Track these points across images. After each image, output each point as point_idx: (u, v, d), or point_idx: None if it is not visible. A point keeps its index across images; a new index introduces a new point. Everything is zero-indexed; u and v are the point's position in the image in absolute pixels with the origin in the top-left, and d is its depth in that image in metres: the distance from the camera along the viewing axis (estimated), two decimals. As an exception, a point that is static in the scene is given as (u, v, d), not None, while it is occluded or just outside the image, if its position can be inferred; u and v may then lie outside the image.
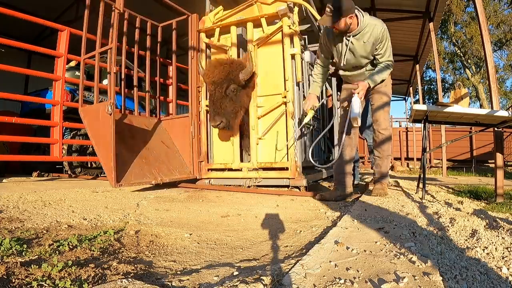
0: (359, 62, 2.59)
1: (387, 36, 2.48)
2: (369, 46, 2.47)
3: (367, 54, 2.52)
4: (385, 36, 2.46)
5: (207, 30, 3.70)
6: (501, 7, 18.15)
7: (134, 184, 2.96)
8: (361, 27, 2.41)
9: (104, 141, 2.89)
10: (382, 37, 2.44)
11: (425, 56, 8.56)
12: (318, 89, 2.86)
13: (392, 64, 2.57)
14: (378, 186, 2.74)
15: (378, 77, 2.51)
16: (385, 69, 2.52)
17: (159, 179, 3.17)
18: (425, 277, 0.93)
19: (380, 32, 2.43)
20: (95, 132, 3.04)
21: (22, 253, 1.24)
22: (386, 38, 2.47)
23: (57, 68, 3.93)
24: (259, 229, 1.81)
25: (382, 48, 2.48)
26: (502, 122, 2.57)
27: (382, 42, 2.46)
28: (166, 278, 1.05)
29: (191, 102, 3.75)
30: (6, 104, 6.51)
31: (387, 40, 2.49)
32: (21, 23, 5.20)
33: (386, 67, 2.53)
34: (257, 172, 3.37)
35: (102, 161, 2.94)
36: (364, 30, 2.42)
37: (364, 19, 2.41)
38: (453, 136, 10.07)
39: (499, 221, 1.72)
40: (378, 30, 2.42)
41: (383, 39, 2.46)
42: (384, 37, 2.45)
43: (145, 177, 3.09)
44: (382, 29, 2.44)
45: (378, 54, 2.51)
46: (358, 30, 2.42)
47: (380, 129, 2.71)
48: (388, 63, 2.53)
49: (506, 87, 21.53)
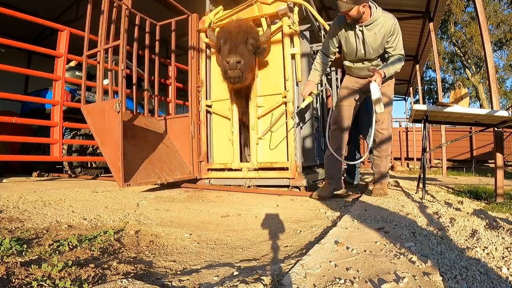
0: (368, 54, 2.59)
1: (399, 30, 2.51)
2: (380, 38, 2.48)
3: (377, 46, 2.53)
4: (397, 30, 2.49)
5: (207, 30, 3.69)
6: (501, 7, 18.14)
7: (141, 184, 2.91)
8: (373, 18, 2.43)
9: (111, 140, 2.83)
10: (394, 30, 2.47)
11: (425, 56, 8.56)
12: (318, 77, 2.87)
13: (404, 58, 2.58)
14: (378, 187, 2.74)
15: (391, 69, 2.53)
16: (397, 61, 2.54)
17: (164, 178, 3.15)
18: (425, 277, 0.93)
19: (392, 25, 2.45)
20: (101, 130, 2.96)
21: (22, 253, 1.24)
22: (397, 31, 2.49)
23: (57, 68, 3.93)
24: (259, 229, 1.81)
25: (393, 41, 2.50)
26: (502, 122, 2.57)
27: (393, 35, 2.48)
28: (166, 278, 1.05)
29: (191, 102, 3.75)
30: (6, 104, 6.51)
31: (399, 33, 2.51)
32: (21, 23, 5.19)
33: (399, 60, 2.54)
34: (257, 172, 3.37)
35: (108, 160, 2.87)
36: (376, 22, 2.44)
37: (377, 11, 2.44)
38: (453, 136, 10.06)
39: (499, 221, 1.72)
40: (389, 23, 2.45)
41: (395, 32, 2.48)
42: (396, 30, 2.48)
43: (150, 176, 3.05)
44: (394, 22, 2.46)
45: (390, 47, 2.53)
46: (371, 20, 2.44)
47: (380, 129, 2.71)
48: (400, 56, 2.55)
49: (506, 87, 21.52)
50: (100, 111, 2.97)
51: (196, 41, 3.78)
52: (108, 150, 2.87)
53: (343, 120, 2.77)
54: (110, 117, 2.86)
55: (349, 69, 2.81)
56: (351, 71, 2.79)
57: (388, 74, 2.53)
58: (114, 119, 2.81)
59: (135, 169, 2.96)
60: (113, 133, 2.81)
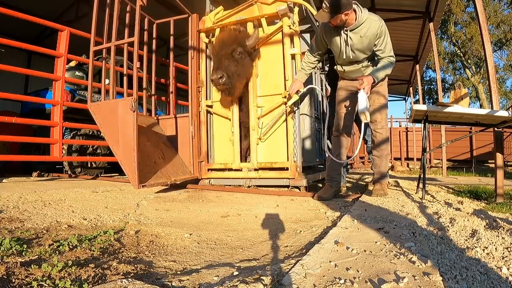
0: (356, 57, 2.58)
1: (386, 32, 2.47)
2: (367, 41, 2.46)
3: (364, 48, 2.51)
4: (383, 32, 2.45)
5: (207, 30, 3.70)
6: (501, 7, 18.16)
7: (154, 185, 2.86)
8: (358, 22, 2.40)
9: (124, 140, 2.76)
10: (380, 32, 2.44)
11: (425, 56, 8.56)
12: (304, 77, 2.93)
13: (394, 59, 2.56)
14: (377, 187, 2.74)
15: (382, 73, 2.50)
16: (388, 65, 2.52)
17: (173, 179, 3.12)
18: (425, 277, 0.93)
19: (378, 28, 2.42)
20: (112, 129, 2.88)
21: (22, 253, 1.24)
22: (384, 33, 2.46)
23: (57, 68, 3.93)
24: (259, 229, 1.81)
25: (381, 44, 2.47)
26: (502, 122, 2.57)
27: (380, 37, 2.45)
28: (166, 278, 1.05)
29: (191, 102, 3.74)
30: (6, 104, 6.50)
31: (386, 35, 2.48)
32: (21, 23, 5.18)
33: (390, 63, 2.52)
34: (257, 172, 3.37)
35: (121, 160, 2.78)
36: (362, 25, 2.42)
37: (362, 14, 2.41)
38: (453, 136, 10.07)
39: (499, 221, 1.72)
40: (376, 26, 2.42)
41: (382, 35, 2.45)
42: (383, 32, 2.44)
43: (159, 177, 3.00)
44: (380, 24, 2.43)
45: (379, 50, 2.50)
46: (356, 24, 2.41)
47: (377, 129, 2.72)
48: (391, 59, 2.52)
49: (506, 87, 21.54)
50: (111, 110, 2.89)
51: (196, 41, 3.78)
52: (121, 150, 2.79)
53: (342, 125, 2.79)
54: (124, 116, 2.77)
55: (342, 74, 2.82)
56: (344, 75, 2.80)
57: (379, 79, 2.51)
58: (128, 118, 2.73)
59: (147, 170, 2.90)
60: (127, 132, 2.72)
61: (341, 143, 2.81)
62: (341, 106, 2.79)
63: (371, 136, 2.83)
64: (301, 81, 2.90)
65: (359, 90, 2.38)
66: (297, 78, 2.93)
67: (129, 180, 2.75)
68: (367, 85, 2.39)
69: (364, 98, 2.35)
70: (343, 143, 2.81)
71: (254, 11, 3.49)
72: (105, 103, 3.06)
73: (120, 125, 2.81)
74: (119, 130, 2.82)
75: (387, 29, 2.49)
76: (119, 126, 2.82)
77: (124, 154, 2.76)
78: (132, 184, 2.70)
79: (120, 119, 2.81)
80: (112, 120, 2.87)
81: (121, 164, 2.80)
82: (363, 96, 2.35)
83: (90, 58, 3.20)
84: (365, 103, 2.34)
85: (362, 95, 2.35)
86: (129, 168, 2.71)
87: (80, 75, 5.04)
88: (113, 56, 3.06)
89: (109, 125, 2.92)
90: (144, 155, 3.02)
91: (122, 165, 2.79)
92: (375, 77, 2.45)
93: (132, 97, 2.74)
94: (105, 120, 2.96)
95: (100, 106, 3.05)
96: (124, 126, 2.77)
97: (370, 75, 2.45)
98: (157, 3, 6.03)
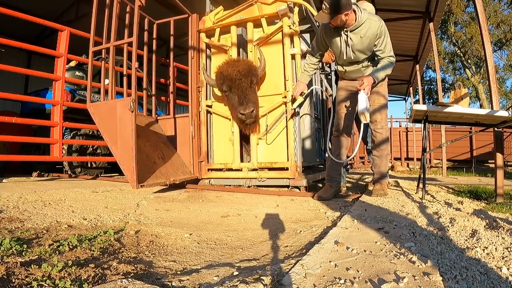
0: (357, 57, 2.59)
1: (386, 32, 2.48)
2: (366, 41, 2.47)
3: (364, 49, 2.52)
4: (383, 32, 2.46)
5: (207, 30, 3.70)
6: (501, 7, 18.15)
7: (152, 185, 2.87)
8: (358, 23, 2.41)
9: (122, 140, 2.77)
10: (380, 32, 2.44)
11: (425, 56, 8.55)
12: (307, 78, 2.92)
13: (394, 60, 2.56)
14: (377, 187, 2.74)
15: (382, 73, 2.51)
16: (388, 65, 2.52)
17: (172, 179, 3.12)
18: (425, 277, 0.93)
19: (378, 28, 2.43)
20: (110, 130, 2.89)
21: (22, 253, 1.24)
22: (384, 33, 2.47)
23: (57, 68, 3.93)
24: (259, 229, 1.81)
25: (381, 44, 2.48)
26: (502, 122, 2.57)
27: (380, 37, 2.46)
28: (166, 278, 1.05)
29: (191, 102, 3.74)
30: (6, 104, 6.50)
31: (386, 35, 2.48)
32: (21, 23, 5.18)
33: (390, 63, 2.52)
34: (257, 172, 3.37)
35: (120, 160, 2.80)
36: (362, 25, 2.42)
37: (362, 15, 2.41)
38: (453, 136, 10.07)
39: (499, 221, 1.72)
40: (375, 26, 2.42)
41: (381, 35, 2.45)
42: (382, 32, 2.45)
43: (158, 177, 3.00)
44: (380, 24, 2.44)
45: (379, 50, 2.51)
46: (356, 25, 2.42)
47: (377, 129, 2.72)
48: (391, 59, 2.53)
49: (506, 87, 21.54)
50: (110, 110, 2.90)
51: (196, 41, 3.78)
52: (119, 150, 2.80)
53: (342, 125, 2.80)
54: (122, 116, 2.78)
55: (342, 74, 2.83)
56: (344, 75, 2.81)
57: (379, 79, 2.51)
58: (127, 118, 2.74)
59: (146, 170, 2.90)
60: (125, 132, 2.73)
61: (341, 143, 2.82)
62: (341, 106, 2.80)
63: (371, 136, 2.83)
64: (304, 83, 2.89)
65: (359, 91, 2.39)
66: (300, 80, 2.92)
67: (128, 180, 2.76)
68: (367, 86, 2.40)
69: (364, 99, 2.35)
70: (343, 143, 2.82)
71: (254, 11, 3.50)
72: (104, 103, 3.07)
73: (119, 125, 2.82)
74: (118, 130, 2.83)
75: (387, 29, 2.49)
76: (118, 126, 2.83)
77: (123, 154, 2.77)
78: (130, 184, 2.71)
79: (118, 119, 2.82)
80: (111, 120, 2.88)
81: (119, 164, 2.81)
82: (363, 96, 2.35)
83: (90, 59, 3.20)
84: (365, 104, 2.34)
85: (362, 96, 2.36)
86: (128, 168, 2.72)
87: (80, 75, 5.04)
88: (112, 56, 3.05)
89: (108, 125, 2.93)
90: (143, 155, 3.01)
91: (120, 165, 2.80)
92: (375, 78, 2.45)
93: (131, 97, 2.75)
94: (104, 120, 2.96)
95: (99, 106, 3.06)
96: (123, 126, 2.78)
97: (370, 76, 2.45)
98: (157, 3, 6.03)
